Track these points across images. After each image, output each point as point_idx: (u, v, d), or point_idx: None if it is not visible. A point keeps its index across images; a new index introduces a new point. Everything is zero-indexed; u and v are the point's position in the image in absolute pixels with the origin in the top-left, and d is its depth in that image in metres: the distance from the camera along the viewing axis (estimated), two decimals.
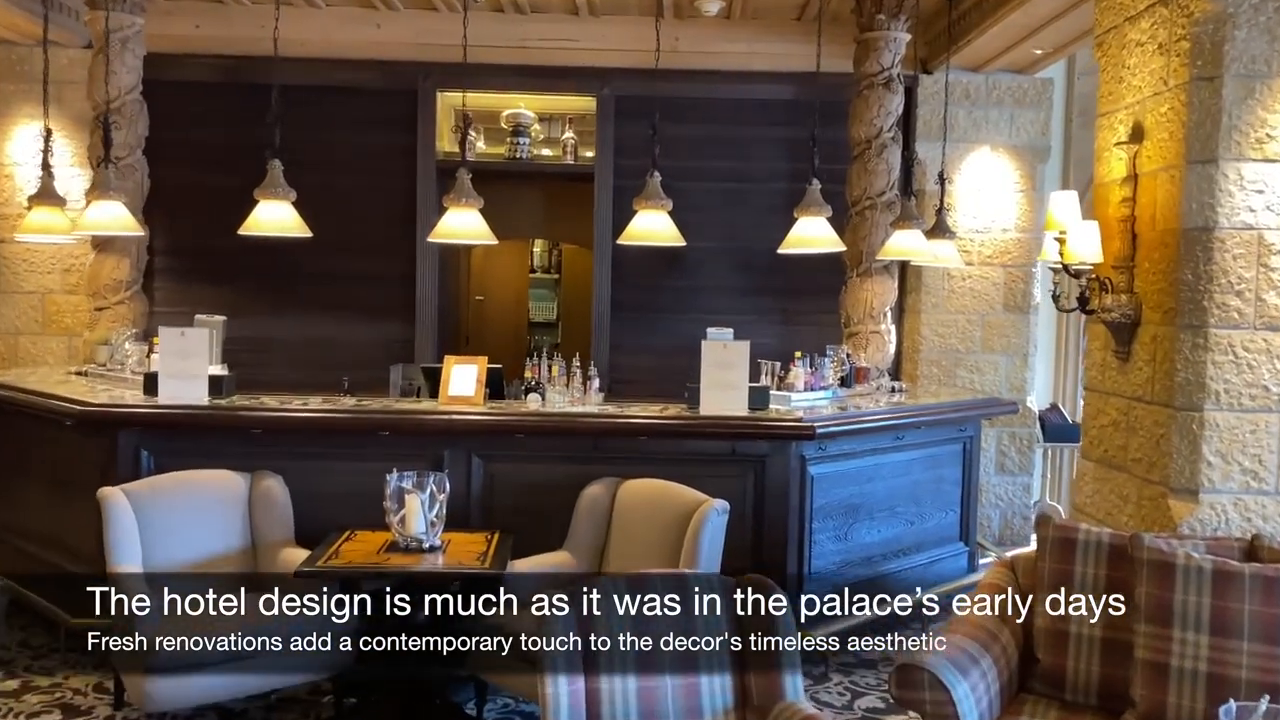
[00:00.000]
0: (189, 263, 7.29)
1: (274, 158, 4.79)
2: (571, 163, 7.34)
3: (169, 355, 4.85)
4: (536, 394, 5.13)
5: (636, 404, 5.07)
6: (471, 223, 4.76)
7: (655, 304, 7.39)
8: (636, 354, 7.38)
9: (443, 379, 4.94)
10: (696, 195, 7.33)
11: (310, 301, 7.29)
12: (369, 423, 4.67)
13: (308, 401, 4.86)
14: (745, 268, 7.37)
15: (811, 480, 4.88)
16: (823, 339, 7.09)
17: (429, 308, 7.32)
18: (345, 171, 7.24)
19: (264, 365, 7.27)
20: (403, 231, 7.26)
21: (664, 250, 7.40)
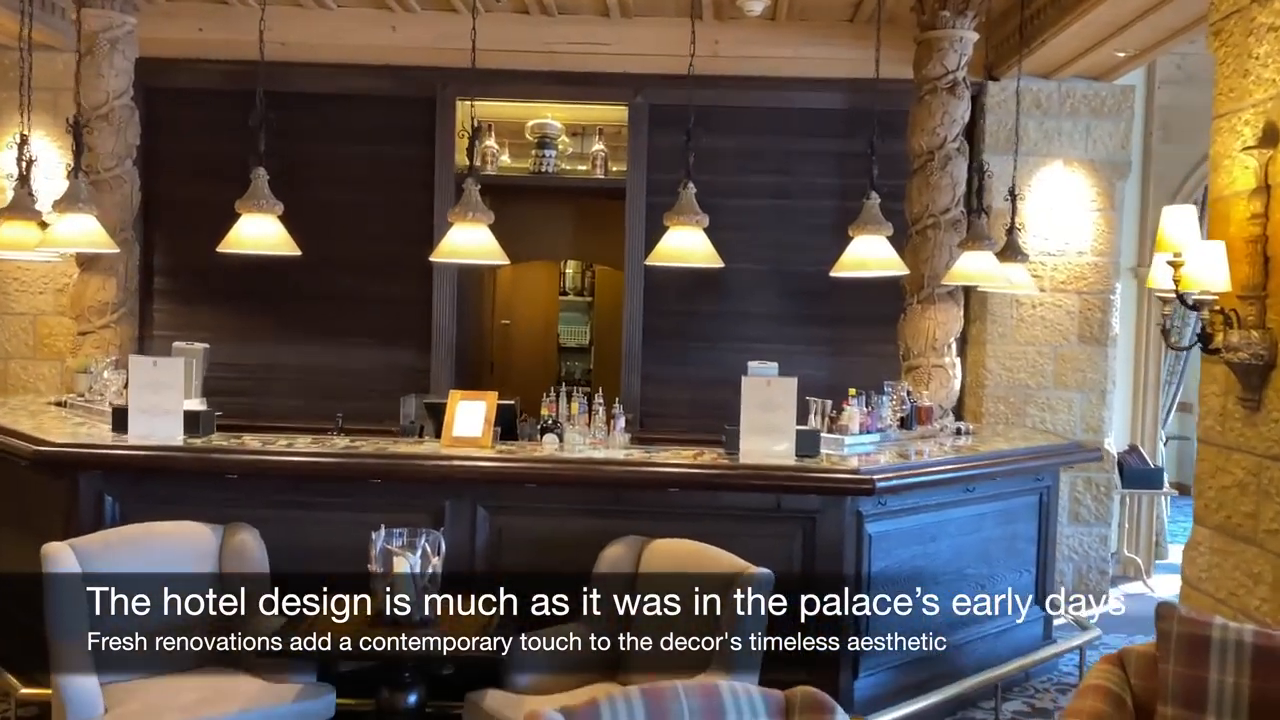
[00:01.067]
0: (189, 284, 6.78)
1: (258, 165, 4.23)
2: (601, 177, 6.76)
3: (140, 388, 4.30)
4: (553, 435, 4.52)
5: (666, 448, 4.43)
6: (479, 240, 4.17)
7: (691, 331, 6.77)
8: (669, 385, 6.75)
9: (446, 418, 4.34)
10: (737, 213, 6.72)
11: (318, 326, 6.75)
12: (360, 469, 4.08)
13: (293, 443, 4.28)
14: (790, 292, 6.72)
15: (869, 540, 4.22)
16: (877, 373, 6.42)
17: (446, 334, 6.75)
18: (357, 186, 6.72)
19: (268, 394, 6.75)
20: (419, 251, 6.66)
21: (700, 272, 6.76)
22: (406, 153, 6.72)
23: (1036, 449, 4.97)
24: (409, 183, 6.73)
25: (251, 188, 4.23)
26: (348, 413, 6.69)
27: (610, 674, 3.63)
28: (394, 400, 6.54)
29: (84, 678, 3.37)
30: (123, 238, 5.55)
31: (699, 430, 6.73)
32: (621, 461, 4.10)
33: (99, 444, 4.16)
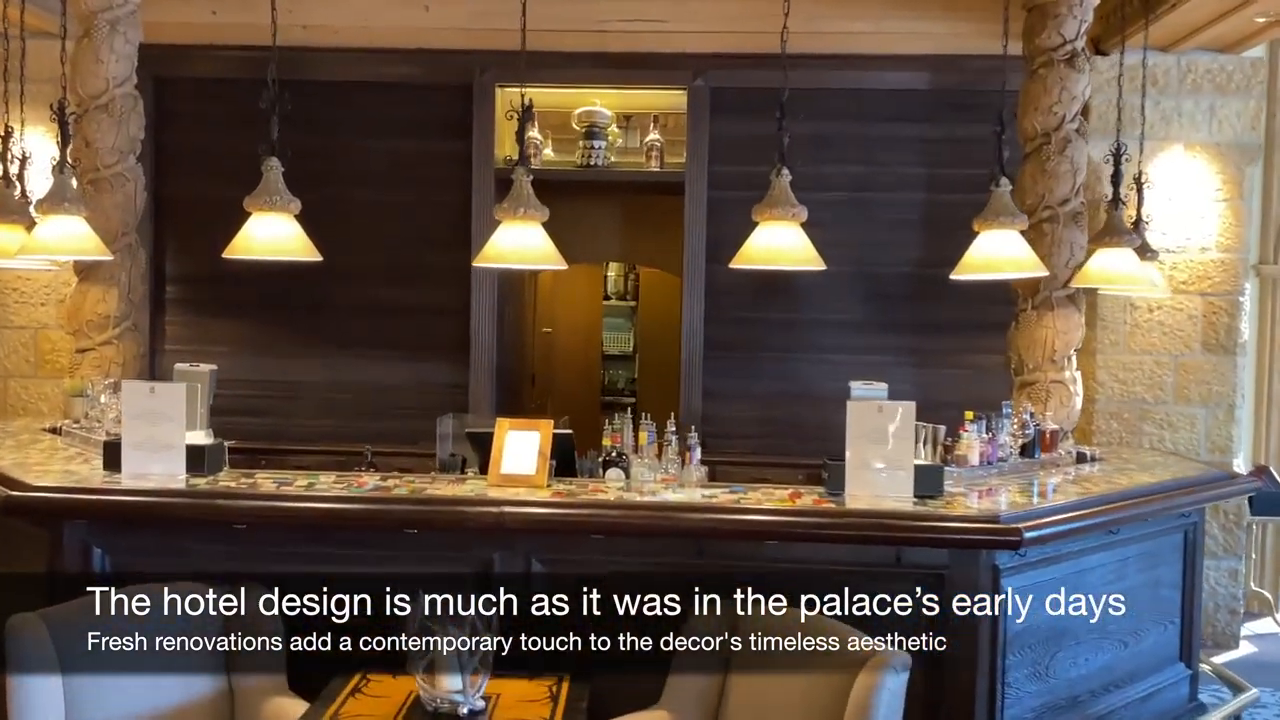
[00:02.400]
0: (204, 293, 6.15)
1: (270, 155, 3.57)
2: (657, 169, 6.06)
3: (134, 420, 3.66)
4: (618, 469, 3.83)
5: (754, 487, 3.72)
6: (532, 241, 3.49)
7: (758, 341, 6.05)
8: (734, 402, 6.04)
9: (494, 451, 3.66)
10: (810, 208, 5.97)
11: (345, 338, 6.11)
12: (392, 517, 3.41)
13: (314, 483, 3.61)
14: (870, 296, 5.99)
15: (1006, 599, 3.48)
16: (974, 389, 5.69)
17: (486, 346, 6.08)
18: (386, 183, 6.06)
19: (290, 413, 6.12)
20: (455, 255, 6.03)
21: (769, 276, 6.04)
22: (441, 146, 6.05)
23: (1188, 481, 4.21)
24: (444, 180, 6.06)
25: (263, 182, 3.58)
26: (378, 434, 6.06)
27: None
28: (429, 420, 5.88)
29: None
30: (125, 243, 4.92)
31: (768, 452, 6.04)
32: (705, 507, 3.39)
33: (84, 487, 3.51)
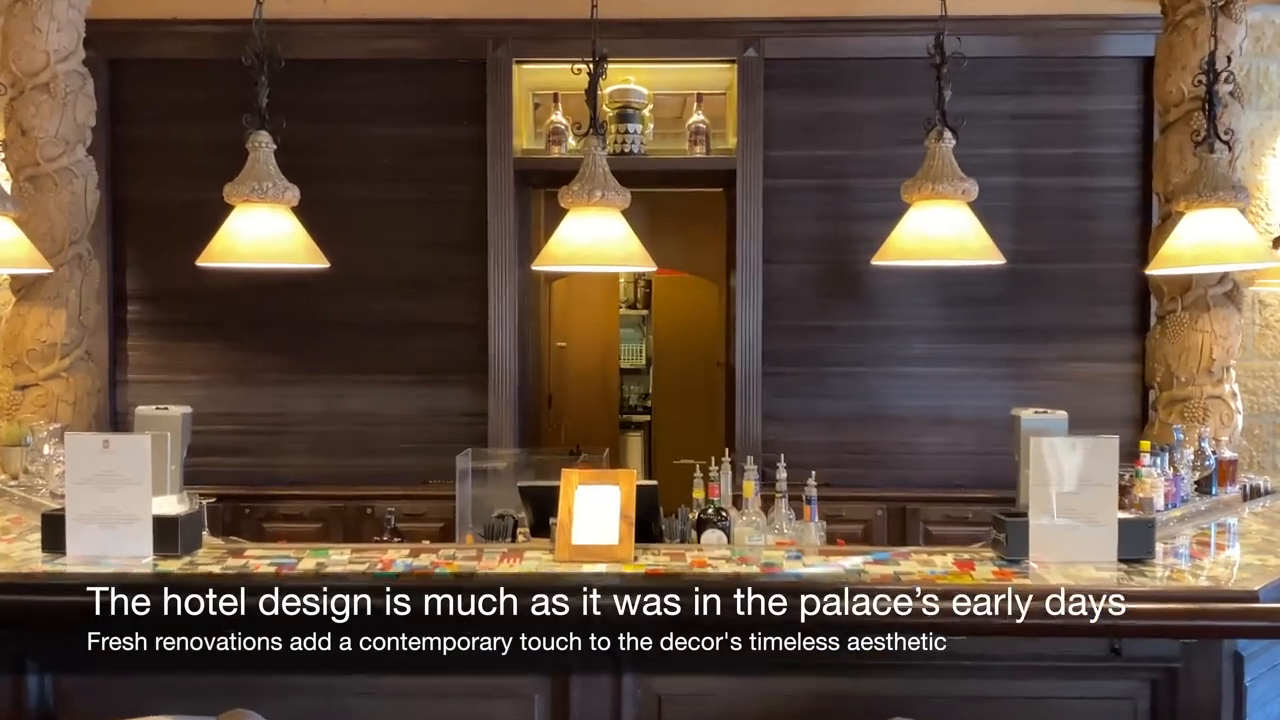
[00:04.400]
0: (174, 312, 5.23)
1: (259, 129, 2.68)
2: (703, 154, 5.19)
3: (82, 485, 2.76)
4: (718, 530, 2.95)
5: (902, 553, 2.84)
6: (611, 235, 2.61)
7: (824, 353, 5.20)
8: (800, 426, 5.18)
9: (561, 514, 2.78)
10: (881, 195, 5.14)
11: (341, 362, 5.21)
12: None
13: (324, 561, 2.72)
14: (955, 298, 5.15)
15: (1246, 695, 2.64)
16: (1085, 405, 4.87)
17: (506, 366, 5.19)
18: (386, 178, 5.18)
19: (280, 451, 5.22)
20: (470, 260, 5.16)
21: (834, 277, 5.23)
22: (451, 134, 5.16)
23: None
24: (455, 173, 5.18)
25: (249, 164, 2.68)
26: (382, 474, 5.17)
27: None
28: (441, 455, 5.02)
29: None
30: (74, 253, 4.03)
31: (840, 483, 5.17)
32: (854, 583, 2.51)
33: (12, 579, 2.59)
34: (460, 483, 4.51)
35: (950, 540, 4.97)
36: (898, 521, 4.99)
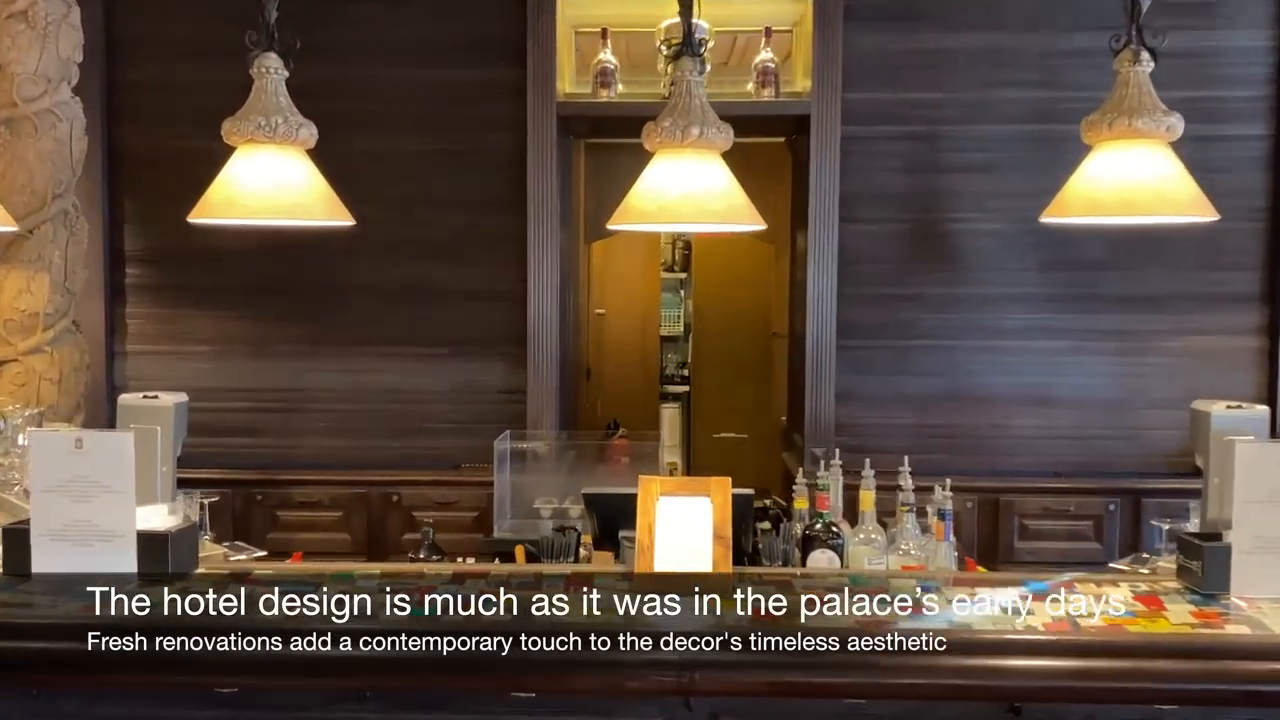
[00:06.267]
0: (179, 276, 4.70)
1: (266, 51, 2.10)
2: (771, 97, 4.57)
3: (50, 493, 2.23)
4: (829, 551, 2.40)
5: (1058, 578, 2.28)
6: (711, 184, 2.02)
7: (907, 325, 4.61)
8: (879, 408, 4.61)
9: (640, 532, 2.23)
10: (973, 144, 4.56)
11: (366, 332, 4.67)
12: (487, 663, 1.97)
13: (352, 585, 2.17)
14: (1055, 261, 4.55)
15: None
16: (1206, 383, 4.30)
17: (548, 338, 4.64)
18: (413, 127, 4.60)
19: (294, 432, 4.70)
20: (507, 221, 4.59)
21: (918, 237, 4.63)
22: (485, 76, 4.57)
23: None
24: (490, 121, 4.59)
25: (253, 95, 2.11)
26: (408, 456, 4.64)
27: None
28: (474, 437, 4.53)
29: None
30: (59, 209, 3.49)
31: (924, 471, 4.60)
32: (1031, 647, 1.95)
33: None
34: (499, 468, 4.01)
35: (1049, 536, 4.43)
36: (989, 514, 4.43)
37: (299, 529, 4.50)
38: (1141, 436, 4.54)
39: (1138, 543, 4.33)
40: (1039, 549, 4.41)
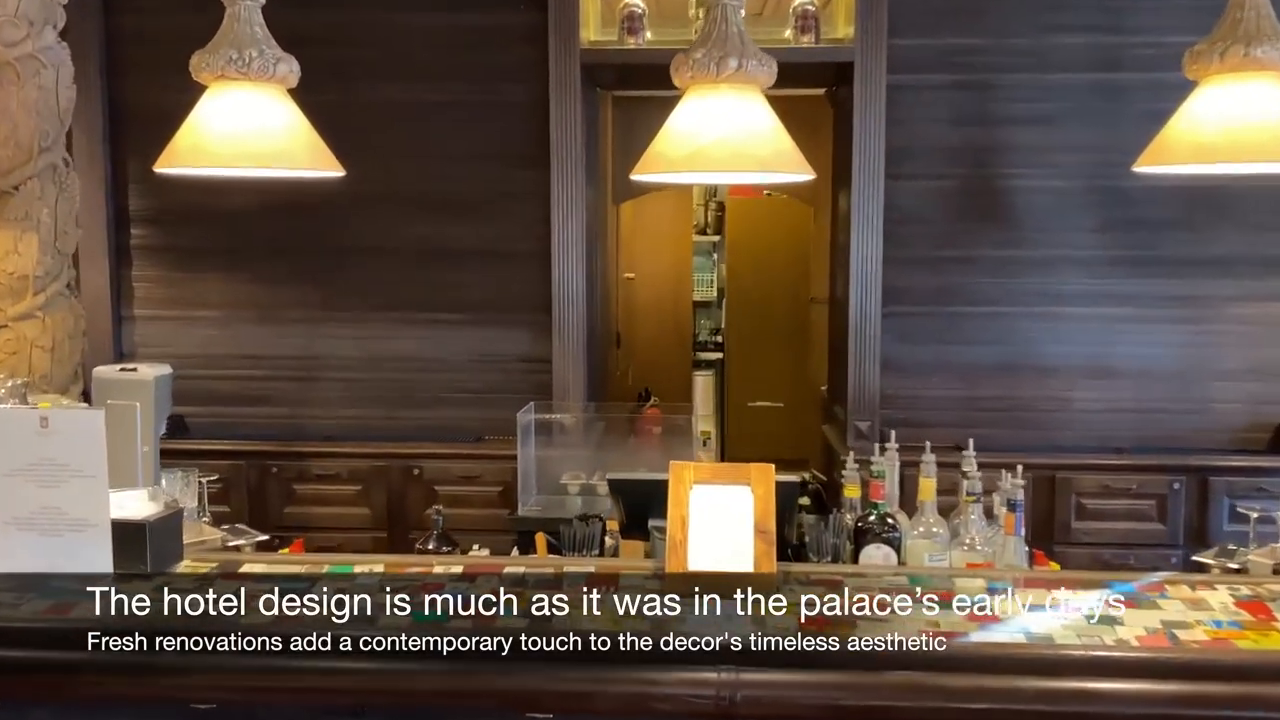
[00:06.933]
0: (184, 237, 4.48)
1: None
2: (811, 44, 4.24)
3: (11, 479, 2.01)
4: (885, 546, 2.13)
5: (1146, 579, 2.00)
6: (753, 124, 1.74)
7: (959, 290, 4.30)
8: (926, 379, 4.32)
9: (671, 526, 1.97)
10: (1031, 94, 4.21)
11: (382, 296, 4.44)
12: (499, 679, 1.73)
13: (345, 587, 1.93)
14: (1119, 221, 4.23)
15: None
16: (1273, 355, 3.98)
17: (574, 303, 4.37)
18: (428, 76, 4.33)
19: (305, 401, 4.49)
20: (530, 176, 4.31)
21: (970, 194, 4.31)
22: (505, 20, 4.28)
23: None
24: (510, 69, 4.30)
25: (225, 24, 1.85)
26: (425, 427, 4.42)
27: None
28: (496, 408, 4.30)
29: None
30: (46, 162, 3.25)
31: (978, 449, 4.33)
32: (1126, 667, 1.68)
33: None
34: (522, 442, 3.78)
35: (1109, 516, 4.13)
36: (1044, 492, 4.13)
37: (316, 503, 4.30)
38: (1209, 410, 4.22)
39: (1204, 524, 4.04)
40: (1098, 530, 4.12)
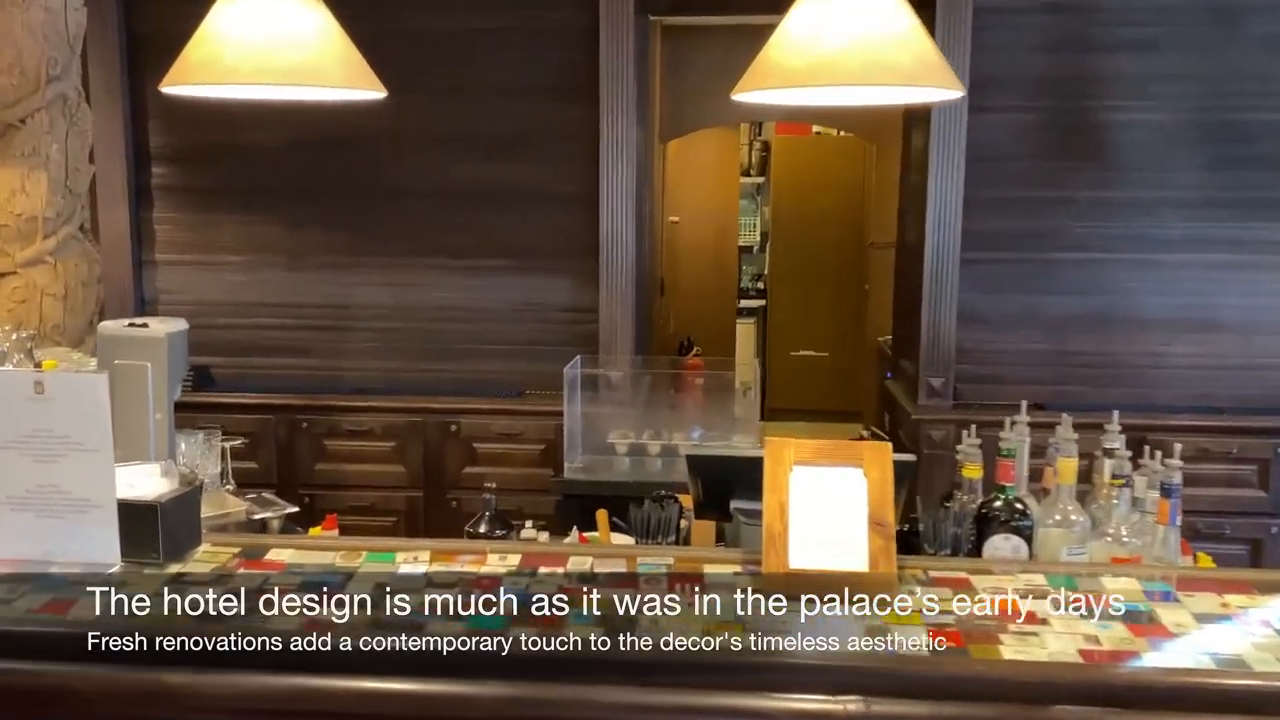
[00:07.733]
0: (209, 177, 4.19)
1: None
2: None
3: (3, 453, 1.73)
4: (1015, 536, 1.82)
5: None
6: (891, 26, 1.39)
7: (1049, 234, 3.94)
8: (1009, 332, 3.98)
9: (768, 515, 1.67)
10: (1138, 20, 3.79)
11: (418, 241, 4.14)
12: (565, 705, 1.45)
13: (387, 582, 1.65)
14: (1227, 160, 3.84)
15: None
16: None
17: (622, 250, 4.05)
18: (468, 7, 3.97)
19: (338, 353, 4.23)
20: (578, 111, 3.97)
21: (1064, 131, 3.91)
22: None
23: None
24: None
25: None
26: (464, 380, 4.14)
27: None
28: (540, 361, 4.04)
29: None
30: (55, 93, 2.98)
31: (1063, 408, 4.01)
32: None
33: None
34: (569, 398, 3.52)
35: (1206, 481, 3.77)
36: (1135, 455, 3.78)
37: (348, 460, 4.06)
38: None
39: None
40: (1194, 496, 3.71)
